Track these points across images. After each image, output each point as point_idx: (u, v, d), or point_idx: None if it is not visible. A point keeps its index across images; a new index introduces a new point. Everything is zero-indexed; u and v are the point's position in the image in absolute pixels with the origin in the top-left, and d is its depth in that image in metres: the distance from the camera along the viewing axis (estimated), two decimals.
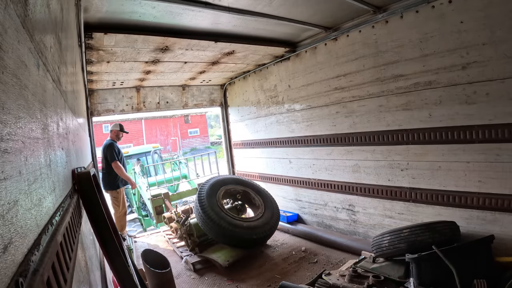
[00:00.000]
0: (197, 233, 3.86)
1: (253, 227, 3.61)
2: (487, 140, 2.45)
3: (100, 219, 1.36)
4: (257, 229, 3.61)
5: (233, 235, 3.48)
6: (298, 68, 4.18)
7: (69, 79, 1.62)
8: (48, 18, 0.95)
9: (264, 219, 3.78)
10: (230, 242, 3.61)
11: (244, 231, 3.51)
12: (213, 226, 3.50)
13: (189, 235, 3.91)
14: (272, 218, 3.85)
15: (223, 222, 3.49)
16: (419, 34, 2.78)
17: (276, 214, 4.00)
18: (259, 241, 3.66)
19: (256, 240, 3.58)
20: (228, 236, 3.51)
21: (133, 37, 2.96)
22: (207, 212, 3.56)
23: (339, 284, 2.36)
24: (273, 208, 4.03)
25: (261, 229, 3.63)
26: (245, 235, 3.50)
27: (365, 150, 3.45)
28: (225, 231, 3.47)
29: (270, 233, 3.78)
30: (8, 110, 0.49)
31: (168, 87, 5.48)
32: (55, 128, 0.99)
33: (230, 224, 3.51)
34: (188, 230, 3.92)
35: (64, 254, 0.80)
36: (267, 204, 4.07)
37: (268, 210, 3.95)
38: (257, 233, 3.57)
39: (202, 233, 3.84)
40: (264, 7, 2.85)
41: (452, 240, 2.34)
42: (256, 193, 4.24)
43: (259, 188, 4.38)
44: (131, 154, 9.59)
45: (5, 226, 0.43)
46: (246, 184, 4.34)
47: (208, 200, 3.68)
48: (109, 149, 4.82)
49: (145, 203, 6.63)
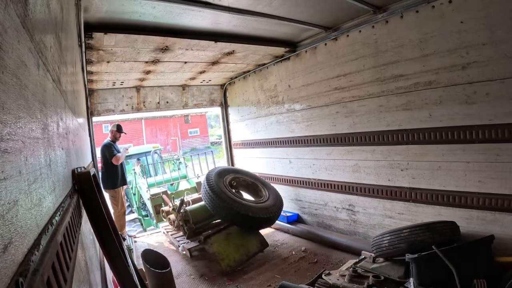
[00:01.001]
0: (193, 219, 4.00)
1: (262, 207, 3.82)
2: (487, 140, 2.45)
3: (100, 219, 1.36)
4: (267, 209, 3.84)
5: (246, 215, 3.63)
6: (298, 68, 4.18)
7: (69, 79, 1.62)
8: (48, 18, 0.95)
9: (270, 202, 4.03)
10: (241, 222, 3.73)
11: (258, 210, 3.72)
12: (223, 205, 3.64)
13: (185, 222, 4.01)
14: (276, 202, 4.08)
15: (234, 203, 3.65)
16: (419, 34, 2.78)
17: (280, 198, 4.21)
18: (268, 220, 3.84)
19: (266, 219, 3.76)
20: (241, 217, 3.63)
21: (133, 37, 2.96)
22: (217, 193, 3.73)
23: (339, 284, 2.36)
24: (276, 194, 4.27)
25: (270, 209, 3.85)
26: (258, 213, 3.69)
27: (365, 150, 3.45)
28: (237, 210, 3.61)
29: (278, 214, 3.98)
30: (8, 110, 0.49)
31: (168, 87, 5.48)
32: (55, 128, 0.99)
33: (241, 204, 3.68)
34: (184, 216, 4.01)
35: (64, 254, 0.80)
36: (270, 191, 4.31)
37: (271, 196, 4.19)
38: (269, 212, 3.79)
39: (198, 219, 4.03)
40: (264, 7, 2.85)
41: (452, 240, 2.33)
42: (258, 182, 4.52)
43: (257, 177, 4.66)
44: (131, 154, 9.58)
45: (5, 226, 0.43)
46: (248, 174, 4.62)
47: (217, 184, 3.89)
48: (107, 149, 4.85)
49: (145, 203, 6.64)
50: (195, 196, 4.94)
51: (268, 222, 3.87)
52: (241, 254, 3.56)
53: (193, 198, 4.77)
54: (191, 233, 3.98)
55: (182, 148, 24.28)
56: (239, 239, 3.69)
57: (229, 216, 3.69)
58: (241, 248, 3.62)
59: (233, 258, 3.49)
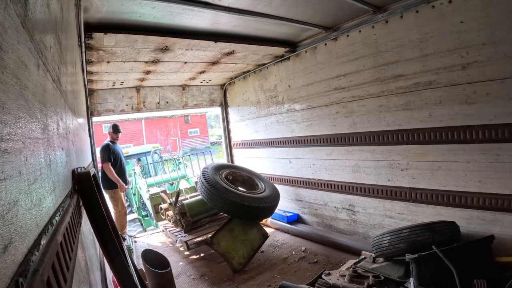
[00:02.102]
0: (190, 212, 4.06)
1: (257, 197, 3.86)
2: (487, 140, 2.45)
3: (100, 219, 1.36)
4: (263, 199, 3.88)
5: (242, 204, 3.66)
6: (298, 68, 4.18)
7: (69, 79, 1.62)
8: (48, 18, 0.95)
9: (267, 193, 4.07)
10: (238, 211, 3.74)
11: (253, 200, 3.76)
12: (218, 195, 3.67)
13: (182, 215, 4.05)
14: (272, 193, 4.12)
15: (229, 193, 3.69)
16: (419, 34, 2.78)
17: (276, 190, 4.25)
18: (264, 210, 3.87)
19: (262, 208, 3.80)
20: (236, 206, 3.65)
21: (133, 37, 2.96)
22: (212, 184, 3.77)
23: (339, 284, 2.36)
24: (272, 187, 4.31)
25: (266, 199, 3.90)
26: (253, 203, 3.72)
27: (365, 150, 3.45)
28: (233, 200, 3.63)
29: (274, 204, 4.01)
30: (8, 110, 0.49)
31: (168, 87, 5.48)
32: (55, 128, 0.99)
33: (236, 194, 3.72)
34: (180, 209, 4.04)
35: (64, 254, 0.80)
36: (267, 185, 4.35)
37: (268, 188, 4.23)
38: (264, 202, 3.84)
39: (195, 212, 4.10)
40: (264, 7, 2.85)
41: (452, 240, 2.33)
42: (254, 176, 4.59)
43: (253, 172, 4.73)
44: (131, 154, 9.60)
45: (5, 226, 0.43)
46: (244, 170, 4.71)
47: (213, 177, 3.93)
48: (103, 151, 4.82)
49: (145, 203, 6.65)
50: (193, 194, 4.96)
51: (265, 211, 3.88)
52: (248, 249, 3.57)
53: (191, 196, 4.82)
54: (188, 226, 4.03)
55: (182, 148, 24.27)
56: (242, 234, 3.69)
57: (225, 206, 3.71)
58: (247, 242, 3.63)
59: (242, 254, 3.50)
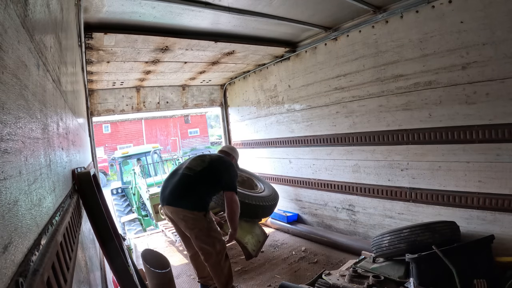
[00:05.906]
0: None
1: (257, 196, 3.89)
2: (487, 140, 2.45)
3: (100, 219, 1.36)
4: (262, 198, 3.93)
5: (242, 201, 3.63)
6: (298, 68, 4.18)
7: (69, 79, 1.62)
8: (48, 18, 0.94)
9: (266, 193, 4.10)
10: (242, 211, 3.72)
11: (253, 198, 3.78)
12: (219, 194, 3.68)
13: None
14: (272, 193, 4.19)
15: None
16: (419, 34, 2.78)
17: (275, 191, 4.31)
18: (264, 208, 3.89)
19: (262, 206, 3.81)
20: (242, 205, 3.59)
21: (133, 37, 2.96)
22: None
23: (339, 284, 2.36)
24: (271, 187, 4.37)
25: (265, 198, 3.95)
26: (253, 201, 3.74)
27: (365, 150, 3.45)
28: None
29: (274, 203, 4.06)
30: (8, 110, 0.49)
31: (168, 87, 5.48)
32: (55, 128, 0.99)
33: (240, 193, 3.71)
34: None
35: (64, 254, 0.80)
36: (266, 185, 4.39)
37: (267, 189, 4.27)
38: (264, 201, 3.89)
39: None
40: (264, 7, 2.85)
41: (452, 240, 2.33)
42: (253, 177, 4.63)
43: (252, 173, 4.78)
44: (130, 154, 9.63)
45: (5, 226, 0.43)
46: (243, 171, 4.73)
47: None
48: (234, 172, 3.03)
49: (145, 203, 6.65)
50: None
51: (265, 210, 3.87)
52: (255, 240, 3.54)
53: None
54: None
55: (182, 148, 24.27)
56: (247, 226, 3.67)
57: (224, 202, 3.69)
58: (254, 235, 3.61)
59: (253, 242, 3.48)
